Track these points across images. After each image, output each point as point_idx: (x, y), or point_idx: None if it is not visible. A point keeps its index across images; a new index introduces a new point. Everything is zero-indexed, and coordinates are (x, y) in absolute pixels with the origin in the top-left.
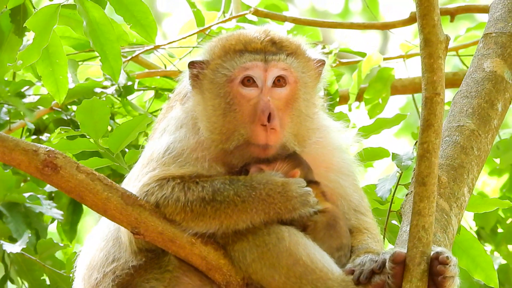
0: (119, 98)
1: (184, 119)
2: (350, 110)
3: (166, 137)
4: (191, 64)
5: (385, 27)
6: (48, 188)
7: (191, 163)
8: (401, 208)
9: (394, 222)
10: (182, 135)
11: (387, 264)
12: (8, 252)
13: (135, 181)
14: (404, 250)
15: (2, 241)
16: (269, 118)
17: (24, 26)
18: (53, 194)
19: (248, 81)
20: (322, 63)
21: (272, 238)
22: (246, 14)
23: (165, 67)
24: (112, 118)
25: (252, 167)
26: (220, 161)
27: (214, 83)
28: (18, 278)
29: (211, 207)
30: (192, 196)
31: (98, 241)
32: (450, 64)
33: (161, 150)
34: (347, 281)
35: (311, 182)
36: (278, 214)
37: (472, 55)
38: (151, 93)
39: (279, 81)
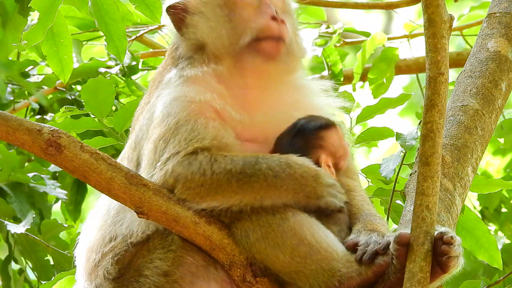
0: (124, 78)
1: (180, 90)
2: (354, 89)
3: (172, 116)
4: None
5: (389, 7)
6: (52, 168)
7: (208, 131)
8: (405, 187)
9: (398, 201)
10: (186, 105)
11: (391, 245)
12: (12, 232)
13: (154, 167)
14: (409, 231)
15: (6, 221)
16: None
17: (29, 6)
18: (57, 174)
19: None
20: None
21: (276, 218)
22: None
23: None
24: (117, 97)
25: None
26: (230, 80)
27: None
28: (22, 258)
29: (236, 180)
30: (219, 169)
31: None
32: (454, 44)
33: (172, 127)
34: (351, 261)
35: None
36: (307, 197)
37: (476, 35)
38: None
39: None
